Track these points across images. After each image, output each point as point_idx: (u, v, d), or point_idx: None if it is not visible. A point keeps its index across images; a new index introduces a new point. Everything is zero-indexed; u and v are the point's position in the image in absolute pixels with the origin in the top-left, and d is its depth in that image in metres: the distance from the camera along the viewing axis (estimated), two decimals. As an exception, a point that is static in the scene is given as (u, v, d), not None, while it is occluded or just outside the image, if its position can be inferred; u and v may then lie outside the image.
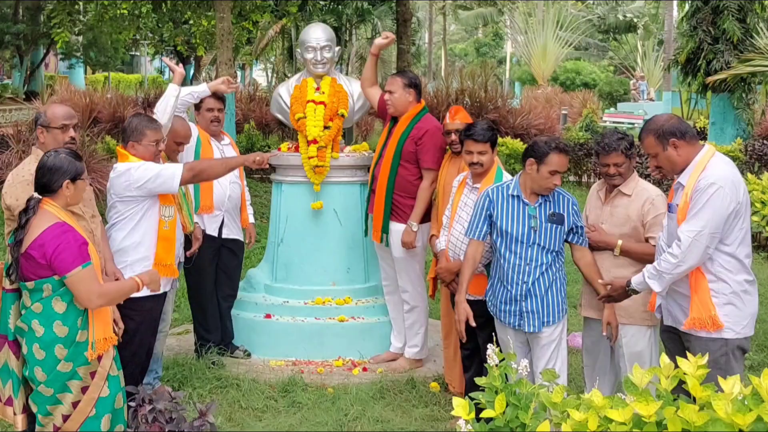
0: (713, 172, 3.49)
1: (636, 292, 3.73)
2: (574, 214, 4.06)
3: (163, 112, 4.87)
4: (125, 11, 13.65)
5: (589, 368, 4.25)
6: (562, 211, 4.05)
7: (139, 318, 4.29)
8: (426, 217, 5.23)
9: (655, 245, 3.83)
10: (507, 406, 2.52)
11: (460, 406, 2.45)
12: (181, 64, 5.29)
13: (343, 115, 5.72)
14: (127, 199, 4.31)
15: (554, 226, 4.02)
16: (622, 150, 3.99)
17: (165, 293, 4.55)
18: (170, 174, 4.32)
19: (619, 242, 3.99)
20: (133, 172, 4.29)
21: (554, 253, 4.04)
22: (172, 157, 5.01)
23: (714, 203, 3.43)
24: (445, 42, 42.40)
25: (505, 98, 16.71)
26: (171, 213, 4.45)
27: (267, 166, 4.88)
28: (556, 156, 3.95)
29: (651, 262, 3.79)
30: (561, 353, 4.11)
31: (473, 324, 4.18)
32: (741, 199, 3.50)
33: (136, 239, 4.34)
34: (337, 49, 5.90)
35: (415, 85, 5.30)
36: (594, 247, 4.09)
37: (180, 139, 5.05)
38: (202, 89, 5.39)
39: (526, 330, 4.06)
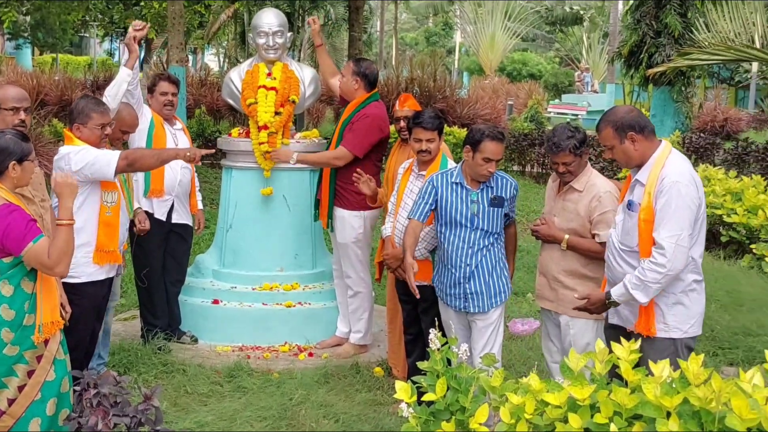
0: (674, 169, 3.46)
1: (617, 304, 3.60)
2: (512, 198, 4.19)
3: (113, 96, 4.82)
4: (74, -8, 13.37)
5: (548, 356, 4.27)
6: (502, 194, 4.14)
7: (83, 303, 4.26)
8: (374, 206, 5.30)
9: (600, 242, 3.84)
10: (448, 390, 2.61)
11: (402, 390, 2.53)
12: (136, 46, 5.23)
13: (294, 102, 5.74)
14: None
15: (495, 209, 4.12)
16: (570, 149, 3.95)
17: (109, 279, 4.51)
18: (106, 161, 4.28)
19: (566, 237, 3.97)
20: (72, 156, 4.25)
21: (495, 235, 4.14)
22: (115, 144, 4.94)
23: (684, 203, 3.41)
24: (396, 30, 42.32)
25: (454, 88, 16.84)
26: (114, 199, 4.40)
27: (200, 162, 4.84)
28: (490, 143, 4.02)
29: (596, 258, 3.87)
30: (498, 337, 4.20)
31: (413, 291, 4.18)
32: (701, 196, 3.51)
33: (78, 225, 4.26)
34: (289, 34, 5.91)
35: (363, 75, 5.34)
36: (543, 240, 4.12)
37: (126, 127, 4.99)
38: (125, 72, 5.00)
39: (471, 310, 4.15)
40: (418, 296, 4.12)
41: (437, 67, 17.28)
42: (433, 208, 4.23)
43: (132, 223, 5.07)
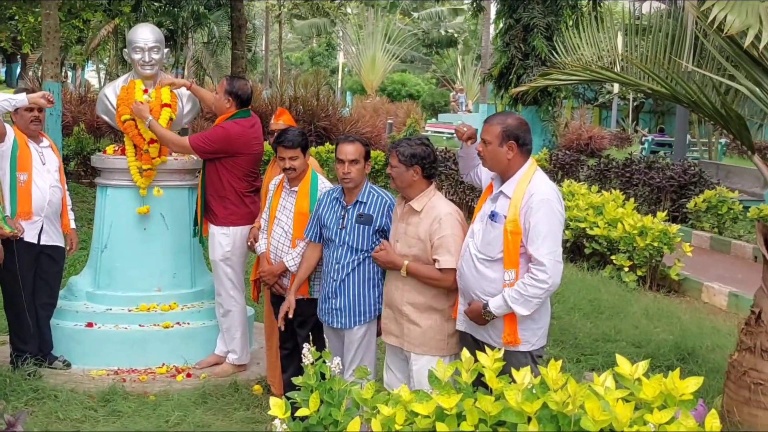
0: (542, 187, 3.57)
1: (493, 316, 3.58)
2: (386, 216, 4.11)
3: None
4: (-55, 3, 12.63)
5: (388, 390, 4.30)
6: (372, 212, 4.14)
7: None
8: (244, 222, 5.32)
9: (441, 268, 3.74)
10: (321, 404, 2.66)
11: (277, 406, 2.56)
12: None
13: (171, 119, 5.67)
14: None
15: (361, 226, 4.12)
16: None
17: None
18: None
19: (405, 263, 3.80)
20: None
21: (363, 253, 4.10)
22: None
23: (557, 220, 3.54)
24: (281, 50, 42.33)
25: (336, 107, 17.06)
26: None
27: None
28: (341, 145, 4.17)
29: (435, 286, 3.79)
30: (369, 352, 4.21)
31: (290, 316, 4.28)
32: (564, 213, 3.67)
33: None
34: (165, 50, 5.85)
35: (235, 95, 5.32)
36: (383, 267, 4.03)
37: None
38: (20, 98, 5.04)
39: (335, 326, 4.21)
40: (283, 329, 4.21)
41: (321, 86, 17.47)
42: (316, 227, 4.31)
43: (3, 242, 4.87)
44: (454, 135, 4.29)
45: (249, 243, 5.23)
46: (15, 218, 5.14)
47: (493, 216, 3.63)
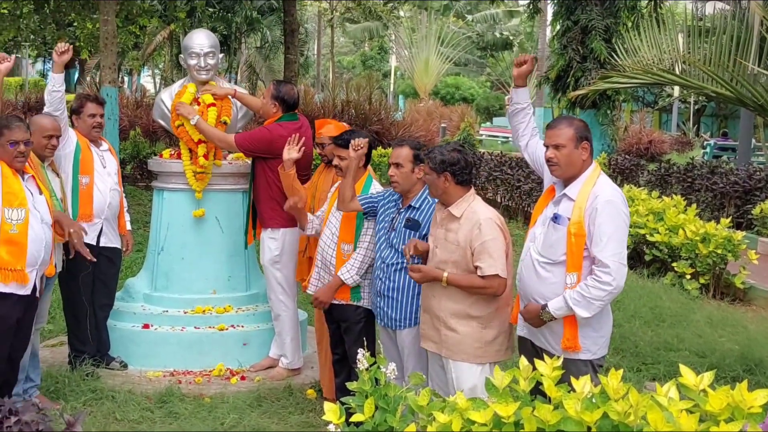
0: (606, 189, 3.54)
1: (551, 317, 3.53)
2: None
3: (55, 109, 4.91)
4: (5, 11, 13.00)
5: None
6: (421, 219, 4.11)
7: None
8: (292, 224, 5.30)
9: (483, 275, 3.66)
10: (376, 410, 2.63)
11: (331, 411, 2.54)
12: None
13: (226, 123, 5.73)
14: None
15: (409, 231, 4.10)
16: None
17: (22, 299, 4.32)
18: None
19: (445, 275, 3.72)
20: None
21: (411, 257, 3.98)
22: (45, 153, 4.84)
23: (622, 222, 3.51)
24: (333, 54, 42.64)
25: (389, 111, 17.08)
26: (20, 216, 4.22)
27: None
28: (394, 149, 4.21)
29: (478, 294, 3.70)
30: (422, 358, 4.12)
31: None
32: (629, 215, 3.63)
33: None
34: (221, 55, 5.91)
35: (282, 99, 5.39)
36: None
37: (49, 131, 4.86)
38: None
39: (379, 324, 4.23)
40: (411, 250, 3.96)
41: (373, 90, 17.54)
42: (369, 204, 4.33)
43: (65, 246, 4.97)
44: (509, 138, 4.25)
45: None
46: (77, 220, 5.24)
47: (555, 218, 3.59)
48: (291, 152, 4.87)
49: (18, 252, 4.23)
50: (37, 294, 4.45)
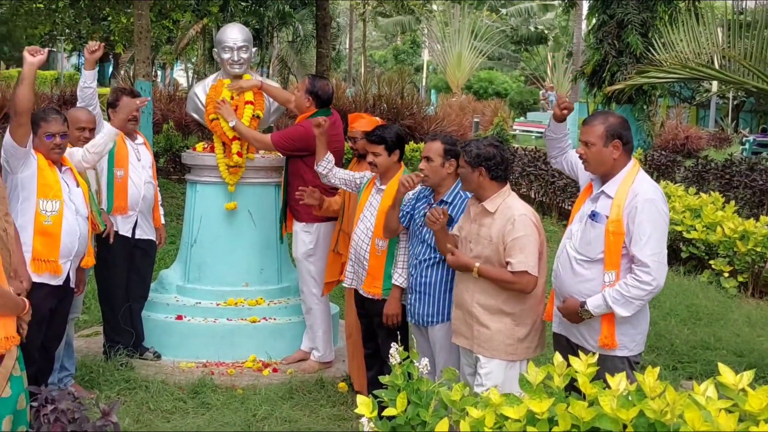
0: (645, 187, 3.50)
1: (590, 315, 3.49)
2: None
3: (98, 153, 4.82)
4: (41, 5, 13.18)
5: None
6: (454, 213, 4.06)
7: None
8: (326, 218, 5.32)
9: (513, 271, 3.61)
10: (408, 404, 2.62)
11: (364, 405, 2.54)
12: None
13: (258, 117, 5.74)
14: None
15: None
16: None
17: (54, 289, 4.35)
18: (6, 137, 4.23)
19: (477, 265, 3.67)
20: None
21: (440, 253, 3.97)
22: (78, 146, 4.88)
23: (662, 220, 3.47)
24: (365, 48, 42.61)
25: (421, 105, 17.02)
26: (54, 208, 4.28)
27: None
28: (427, 143, 4.19)
29: (506, 288, 3.65)
30: (453, 354, 4.09)
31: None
32: (668, 214, 3.58)
33: (19, 224, 4.20)
34: (254, 50, 5.92)
35: (315, 94, 5.40)
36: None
37: (83, 124, 4.93)
38: (111, 131, 4.96)
39: (410, 321, 4.20)
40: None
41: (405, 84, 17.48)
42: (407, 215, 4.30)
43: (98, 237, 5.03)
44: (544, 134, 4.18)
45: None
46: (111, 213, 5.29)
47: (593, 216, 3.55)
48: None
49: (52, 243, 4.28)
50: (71, 285, 4.50)
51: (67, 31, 19.72)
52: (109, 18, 15.18)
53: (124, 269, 5.50)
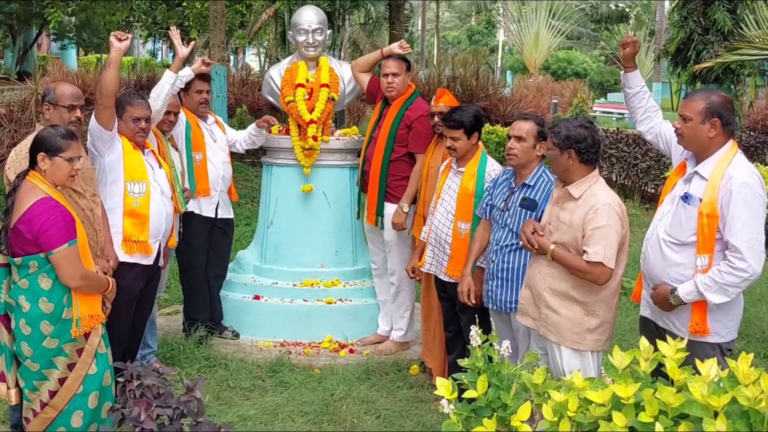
0: (743, 170, 3.35)
1: (681, 302, 3.39)
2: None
3: (156, 98, 4.86)
4: (118, -7, 13.54)
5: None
6: (537, 197, 3.96)
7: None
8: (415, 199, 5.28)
9: (588, 261, 3.43)
10: (489, 387, 2.57)
11: (443, 387, 2.50)
12: (183, 46, 5.19)
13: (333, 99, 5.74)
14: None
15: (524, 210, 3.96)
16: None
17: (143, 268, 4.46)
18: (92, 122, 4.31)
19: (552, 248, 3.54)
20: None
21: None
22: (163, 128, 5.02)
23: (759, 205, 3.32)
24: (438, 29, 42.27)
25: (497, 86, 16.74)
26: (142, 190, 4.38)
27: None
28: (516, 122, 4.09)
29: (579, 277, 3.50)
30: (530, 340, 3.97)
31: (473, 302, 4.18)
32: (766, 198, 3.40)
33: (108, 206, 4.32)
34: (328, 32, 5.92)
35: (410, 68, 5.42)
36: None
37: (168, 108, 5.02)
38: (187, 73, 5.26)
39: (490, 307, 4.12)
40: (475, 301, 4.10)
41: (480, 65, 17.17)
42: (488, 206, 4.22)
43: (182, 217, 5.14)
44: (624, 115, 4.06)
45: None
46: (195, 196, 5.38)
47: (686, 198, 3.41)
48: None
49: (141, 224, 4.39)
50: (160, 264, 4.61)
51: (143, 17, 20.16)
52: (184, 4, 15.48)
53: (206, 249, 5.60)
